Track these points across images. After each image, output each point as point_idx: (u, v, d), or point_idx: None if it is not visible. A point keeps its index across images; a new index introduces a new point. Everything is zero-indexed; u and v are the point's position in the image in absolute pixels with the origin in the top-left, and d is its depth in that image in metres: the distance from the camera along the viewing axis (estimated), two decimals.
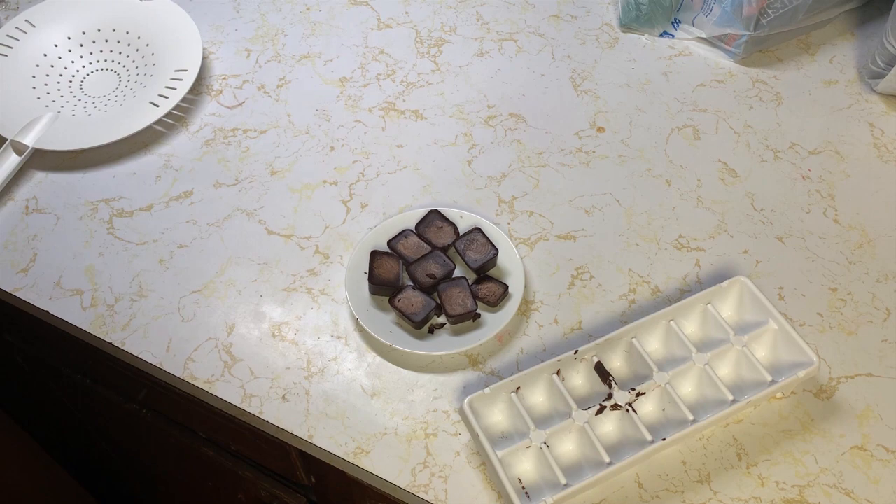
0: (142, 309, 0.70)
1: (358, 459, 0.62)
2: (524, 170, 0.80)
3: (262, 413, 0.64)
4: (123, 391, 0.92)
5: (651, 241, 0.74)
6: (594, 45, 0.91)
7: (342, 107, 0.85)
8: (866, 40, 0.91)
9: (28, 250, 0.74)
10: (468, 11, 0.95)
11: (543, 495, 0.56)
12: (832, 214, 0.76)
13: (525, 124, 0.84)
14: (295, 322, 0.69)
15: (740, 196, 0.78)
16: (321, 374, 0.66)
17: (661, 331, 0.66)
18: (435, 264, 0.70)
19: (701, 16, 0.89)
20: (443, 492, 0.60)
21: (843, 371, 0.66)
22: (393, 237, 0.72)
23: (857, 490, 0.60)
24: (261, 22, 0.94)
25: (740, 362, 0.63)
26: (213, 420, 0.75)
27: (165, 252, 0.74)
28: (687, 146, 0.82)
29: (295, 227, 0.76)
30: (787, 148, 0.81)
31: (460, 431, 0.63)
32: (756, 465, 0.61)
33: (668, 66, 0.89)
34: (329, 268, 0.73)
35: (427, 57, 0.90)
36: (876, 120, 0.84)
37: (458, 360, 0.67)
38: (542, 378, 0.63)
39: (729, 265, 0.72)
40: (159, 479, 1.18)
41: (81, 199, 0.78)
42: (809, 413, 0.63)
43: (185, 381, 0.66)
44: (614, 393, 0.61)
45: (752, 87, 0.87)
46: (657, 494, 0.60)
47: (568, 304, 0.70)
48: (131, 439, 1.05)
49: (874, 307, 0.69)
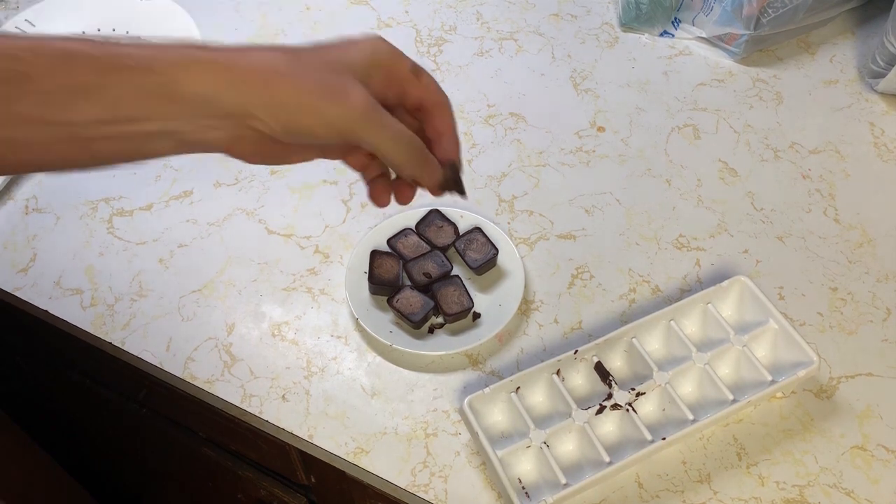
0: (142, 309, 0.70)
1: (358, 459, 0.62)
2: (524, 169, 0.79)
3: (262, 413, 0.64)
4: (123, 391, 0.91)
5: (651, 241, 0.74)
6: (594, 44, 0.91)
7: None
8: (867, 39, 0.91)
9: (28, 250, 0.74)
10: (468, 11, 0.95)
11: (543, 495, 0.56)
12: (832, 214, 0.76)
13: (525, 124, 0.84)
14: (295, 322, 0.69)
15: (740, 195, 0.77)
16: (321, 373, 0.66)
17: (662, 330, 0.65)
18: (432, 264, 0.70)
19: (701, 15, 0.89)
20: (443, 492, 0.60)
21: (843, 371, 0.66)
22: (393, 236, 0.72)
23: (858, 490, 0.60)
24: (261, 22, 0.94)
25: (740, 362, 0.63)
26: (213, 420, 0.75)
27: (165, 252, 0.74)
28: (687, 146, 0.82)
29: (295, 227, 0.76)
30: (787, 147, 0.81)
31: (460, 431, 0.63)
32: (756, 465, 0.61)
33: (668, 65, 0.89)
34: (329, 267, 0.73)
35: (427, 56, 0.90)
36: (876, 119, 0.84)
37: (458, 360, 0.67)
38: (542, 378, 0.63)
39: (729, 265, 0.72)
40: (159, 479, 1.18)
41: (81, 199, 0.78)
42: (809, 413, 0.63)
43: (184, 381, 0.66)
44: (614, 393, 0.61)
45: (752, 87, 0.87)
46: (657, 494, 0.60)
47: (568, 303, 0.70)
48: (131, 439, 1.05)
49: (874, 307, 0.69)
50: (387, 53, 0.44)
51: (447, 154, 0.46)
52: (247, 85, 0.40)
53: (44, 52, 0.39)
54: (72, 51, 0.39)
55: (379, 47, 0.43)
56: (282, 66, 0.41)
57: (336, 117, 0.41)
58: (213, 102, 0.40)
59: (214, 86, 0.40)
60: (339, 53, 0.42)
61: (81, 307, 0.71)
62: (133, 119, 0.40)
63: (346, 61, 0.42)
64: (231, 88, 0.40)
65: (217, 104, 0.40)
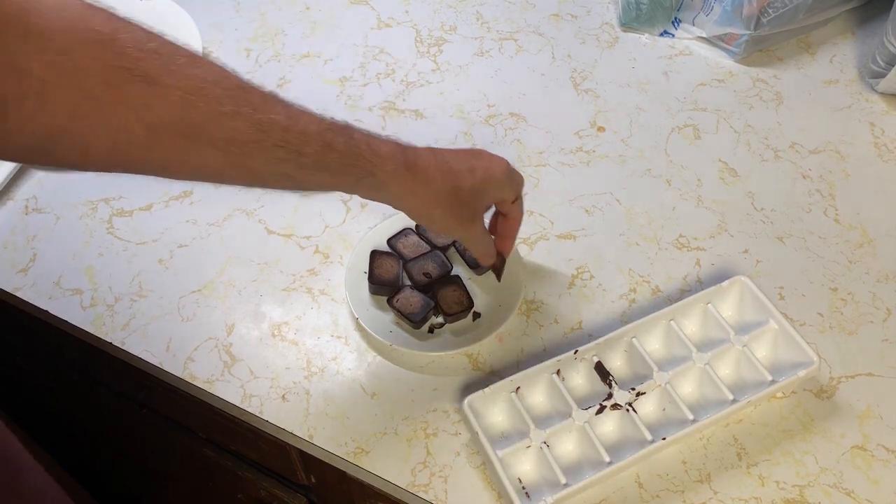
0: (141, 309, 0.70)
1: (358, 459, 0.62)
2: (524, 169, 0.79)
3: (262, 413, 0.64)
4: (123, 391, 0.91)
5: (651, 241, 0.74)
6: (594, 44, 0.91)
7: (342, 106, 0.85)
8: (867, 39, 0.91)
9: (28, 250, 0.74)
10: (468, 11, 0.95)
11: (543, 495, 0.56)
12: (832, 214, 0.76)
13: (525, 124, 0.84)
14: (295, 322, 0.69)
15: (741, 196, 0.77)
16: (321, 373, 0.66)
17: (662, 331, 0.65)
18: (432, 263, 0.70)
19: (701, 15, 0.88)
20: (443, 492, 0.60)
21: (843, 371, 0.66)
22: (393, 235, 0.72)
23: (858, 490, 0.59)
24: (261, 21, 0.94)
25: (740, 362, 0.63)
26: (213, 420, 0.75)
27: (165, 252, 0.74)
28: (687, 146, 0.82)
29: (295, 227, 0.76)
30: (787, 147, 0.81)
31: (460, 431, 0.63)
32: (756, 465, 0.61)
33: (668, 65, 0.89)
34: (329, 267, 0.73)
35: (427, 56, 0.90)
36: (876, 119, 0.84)
37: (458, 360, 0.67)
38: (542, 378, 0.63)
39: (729, 265, 0.72)
40: (159, 479, 1.18)
41: (81, 199, 0.78)
42: (810, 413, 0.63)
43: (184, 381, 0.66)
44: (614, 393, 0.61)
45: (752, 87, 0.87)
46: (657, 494, 0.59)
47: (568, 303, 0.70)
48: (131, 439, 1.04)
49: (874, 307, 0.69)
50: (508, 185, 0.60)
51: (503, 249, 0.66)
52: (415, 213, 0.58)
53: (312, 137, 0.49)
54: (329, 141, 0.50)
55: (504, 181, 0.60)
56: (443, 200, 0.56)
57: (458, 234, 0.63)
58: (389, 202, 0.56)
59: (398, 196, 0.55)
60: (480, 186, 0.58)
61: (81, 307, 0.71)
62: (331, 189, 0.54)
63: (482, 192, 0.58)
64: (405, 203, 0.56)
65: (389, 203, 0.56)
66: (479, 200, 0.59)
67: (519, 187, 0.62)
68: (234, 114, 0.46)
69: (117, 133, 0.42)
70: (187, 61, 0.45)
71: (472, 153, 0.59)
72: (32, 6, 0.40)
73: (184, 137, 0.44)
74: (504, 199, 0.61)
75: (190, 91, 0.44)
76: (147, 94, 0.42)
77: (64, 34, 0.40)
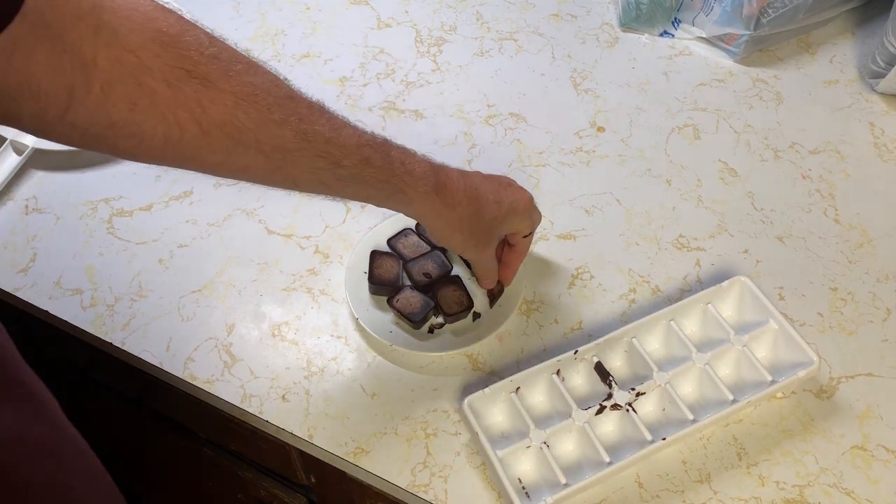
0: (141, 309, 0.70)
1: (358, 459, 0.62)
2: (524, 169, 0.79)
3: (262, 413, 0.64)
4: (123, 391, 0.91)
5: (651, 241, 0.74)
6: (594, 44, 0.91)
7: (342, 106, 0.85)
8: (867, 40, 0.91)
9: (28, 250, 0.74)
10: (468, 11, 0.95)
11: (543, 495, 0.56)
12: (832, 214, 0.76)
13: (525, 124, 0.84)
14: (295, 322, 0.69)
15: (740, 196, 0.77)
16: (321, 373, 0.66)
17: (662, 331, 0.65)
18: (432, 263, 0.70)
19: (701, 15, 0.88)
20: (443, 492, 0.60)
21: (843, 371, 0.66)
22: (393, 235, 0.72)
23: (858, 490, 0.59)
24: (261, 21, 0.94)
25: (740, 362, 0.63)
26: (213, 420, 0.75)
27: (165, 252, 0.74)
28: (687, 146, 0.82)
29: (295, 227, 0.76)
30: (787, 147, 0.81)
31: (460, 431, 0.63)
32: (756, 465, 0.61)
33: (668, 65, 0.89)
34: (329, 267, 0.73)
35: (427, 56, 0.90)
36: (876, 119, 0.84)
37: (458, 360, 0.67)
38: (542, 378, 0.63)
39: (729, 265, 0.72)
40: (159, 479, 1.18)
41: (81, 199, 0.78)
42: (810, 413, 0.63)
43: (184, 381, 0.66)
44: (614, 393, 0.61)
45: (752, 87, 0.87)
46: (657, 494, 0.60)
47: (568, 303, 0.70)
48: (131, 439, 1.04)
49: (874, 307, 0.69)
50: (527, 219, 0.64)
51: (504, 278, 0.68)
52: (437, 234, 0.61)
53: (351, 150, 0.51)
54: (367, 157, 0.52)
55: (525, 216, 0.63)
56: (465, 226, 0.59)
57: (470, 255, 0.65)
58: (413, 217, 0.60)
59: (422, 215, 0.58)
60: (503, 217, 0.61)
61: (81, 307, 0.71)
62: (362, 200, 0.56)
63: (503, 222, 0.62)
64: (428, 223, 0.59)
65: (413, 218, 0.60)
66: (498, 229, 0.62)
67: (535, 223, 0.65)
68: (281, 122, 0.48)
69: (171, 129, 0.44)
70: (244, 68, 0.47)
71: (503, 183, 0.62)
72: (106, 3, 0.42)
73: (233, 140, 0.46)
74: (519, 231, 0.64)
75: (243, 97, 0.46)
76: (203, 95, 0.44)
77: (132, 33, 0.42)
